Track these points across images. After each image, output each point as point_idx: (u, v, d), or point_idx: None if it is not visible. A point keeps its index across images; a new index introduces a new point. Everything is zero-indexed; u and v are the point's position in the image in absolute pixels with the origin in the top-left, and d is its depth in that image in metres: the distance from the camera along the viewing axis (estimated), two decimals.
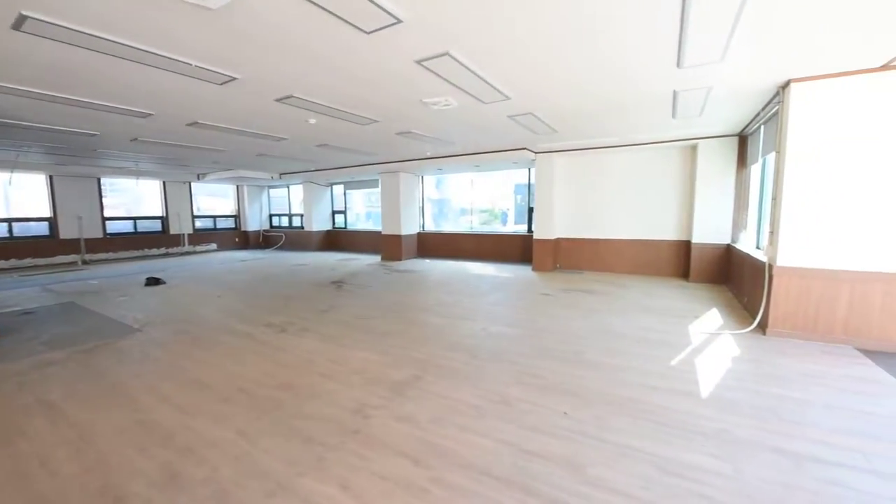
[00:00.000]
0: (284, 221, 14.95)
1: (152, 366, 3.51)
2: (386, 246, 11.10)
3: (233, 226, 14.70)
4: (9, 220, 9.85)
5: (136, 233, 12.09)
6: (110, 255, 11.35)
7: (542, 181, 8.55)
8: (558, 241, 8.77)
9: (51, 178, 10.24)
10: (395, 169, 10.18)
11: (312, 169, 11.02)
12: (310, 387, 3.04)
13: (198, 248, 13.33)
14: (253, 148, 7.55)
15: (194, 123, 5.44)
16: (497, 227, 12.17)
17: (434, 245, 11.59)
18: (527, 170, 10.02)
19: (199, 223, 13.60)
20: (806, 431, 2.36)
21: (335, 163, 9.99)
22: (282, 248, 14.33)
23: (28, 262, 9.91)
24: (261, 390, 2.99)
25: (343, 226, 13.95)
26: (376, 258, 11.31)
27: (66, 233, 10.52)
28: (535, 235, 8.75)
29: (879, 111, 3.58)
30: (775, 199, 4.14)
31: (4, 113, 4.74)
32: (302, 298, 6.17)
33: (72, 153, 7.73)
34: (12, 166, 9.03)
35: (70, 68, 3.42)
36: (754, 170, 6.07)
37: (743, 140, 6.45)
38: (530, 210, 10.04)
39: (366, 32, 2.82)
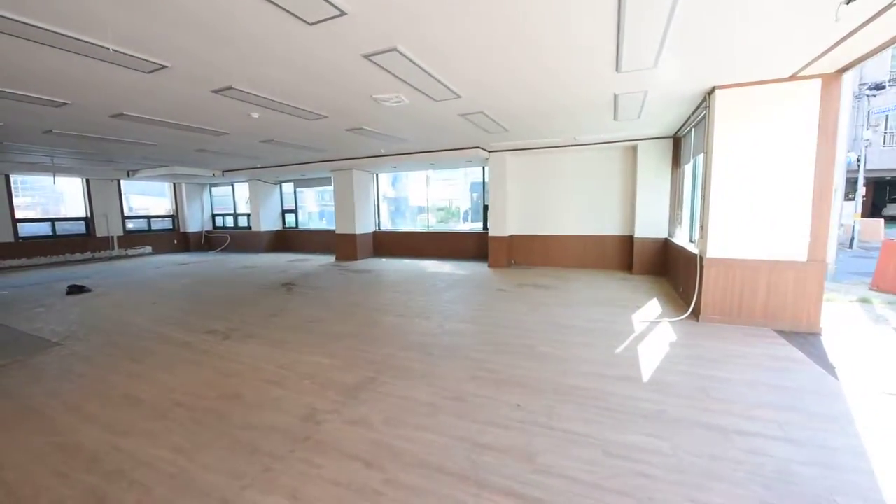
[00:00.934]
0: (229, 221, 14.09)
1: (75, 383, 3.17)
2: (340, 246, 10.81)
3: (170, 227, 13.61)
4: None
5: (55, 236, 10.84)
6: (23, 261, 10.10)
7: (495, 180, 8.71)
8: (512, 237, 8.98)
9: None
10: (347, 166, 9.93)
11: (259, 166, 10.46)
12: (256, 395, 2.89)
13: (129, 251, 12.21)
14: (189, 143, 7.02)
15: (119, 115, 4.95)
16: (454, 226, 12.26)
17: (390, 244, 11.45)
18: (481, 168, 10.17)
19: (130, 224, 12.45)
20: (731, 407, 2.59)
21: (283, 160, 9.55)
22: (227, 249, 13.51)
23: None
24: (200, 402, 2.80)
25: (294, 225, 13.40)
26: (330, 258, 10.98)
27: None
28: (490, 233, 8.91)
29: (788, 116, 4.01)
30: (704, 196, 4.50)
31: None
32: (248, 303, 5.85)
33: None
34: None
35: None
36: (687, 169, 6.57)
37: (677, 141, 6.96)
38: (485, 208, 10.20)
39: (308, 23, 2.71)
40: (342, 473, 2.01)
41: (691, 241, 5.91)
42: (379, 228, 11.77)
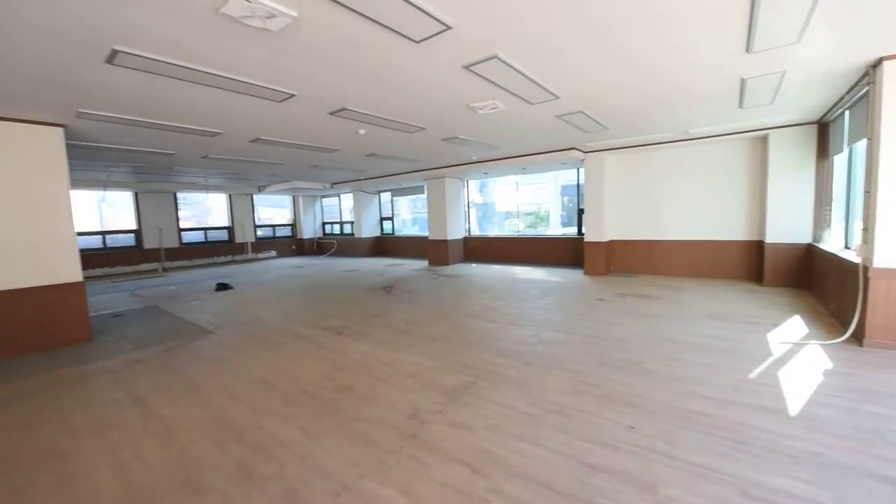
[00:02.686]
0: (336, 229, 15.62)
1: (223, 366, 3.79)
2: (433, 251, 11.22)
3: (290, 234, 15.59)
4: (102, 233, 11.14)
5: (206, 242, 13.20)
6: (185, 262, 12.47)
7: (591, 181, 8.24)
8: (611, 243, 8.39)
9: (136, 194, 11.47)
10: (440, 175, 10.29)
11: (362, 178, 11.43)
12: (367, 390, 3.12)
13: (259, 255, 14.28)
14: (307, 160, 7.97)
15: (256, 139, 5.84)
16: (543, 231, 11.90)
17: (480, 249, 11.54)
18: (575, 170, 9.72)
19: (260, 232, 14.59)
20: None
21: (383, 171, 10.28)
22: (334, 254, 14.97)
23: (118, 269, 11.14)
24: (321, 392, 3.12)
25: (391, 232, 14.31)
26: (423, 263, 11.46)
27: (148, 243, 11.72)
28: (587, 238, 8.43)
29: None
30: (868, 191, 3.67)
31: (98, 138, 5.38)
32: (355, 303, 6.38)
33: (152, 171, 8.60)
34: (104, 185, 10.23)
35: (152, 95, 3.81)
36: (838, 160, 5.44)
37: (823, 128, 5.81)
38: (580, 212, 9.71)
39: (415, 42, 2.88)
40: (449, 476, 2.06)
41: (847, 247, 4.86)
42: (469, 234, 11.96)
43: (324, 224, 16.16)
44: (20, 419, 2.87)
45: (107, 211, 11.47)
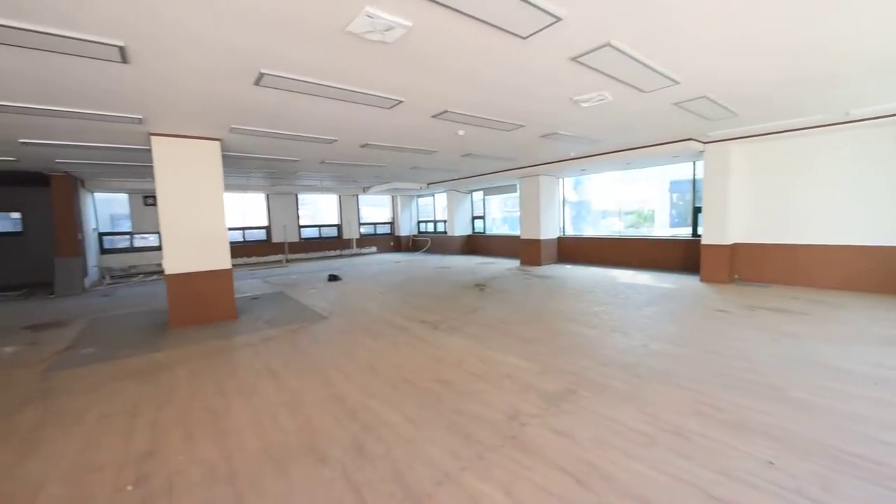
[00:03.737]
0: (430, 227, 16.27)
1: (336, 348, 4.21)
2: (525, 250, 11.01)
3: (389, 231, 16.71)
4: (242, 229, 13.25)
5: (320, 238, 14.85)
6: (303, 255, 14.19)
7: (713, 176, 7.24)
8: (735, 246, 7.28)
9: (267, 196, 13.39)
10: (535, 172, 10.03)
11: (455, 178, 11.71)
12: (463, 385, 3.19)
13: (363, 250, 15.58)
14: (408, 162, 8.42)
15: (366, 145, 6.36)
16: (647, 231, 10.83)
17: (575, 250, 10.98)
18: (690, 164, 8.64)
19: (363, 229, 15.92)
20: None
21: (476, 170, 10.39)
22: (428, 251, 15.62)
23: (253, 259, 13.14)
24: (421, 382, 3.28)
25: (482, 230, 14.41)
26: (514, 262, 11.31)
27: (276, 238, 13.62)
28: (704, 240, 7.45)
29: None
30: None
31: (243, 148, 6.38)
32: (448, 299, 6.57)
33: (280, 176, 9.94)
34: (244, 188, 12.13)
35: (286, 110, 4.39)
36: None
37: None
38: (695, 210, 8.63)
39: (522, 37, 2.83)
40: (553, 483, 2.00)
41: None
42: (563, 234, 11.45)
43: (419, 222, 16.96)
44: (187, 379, 3.55)
45: (246, 210, 13.59)
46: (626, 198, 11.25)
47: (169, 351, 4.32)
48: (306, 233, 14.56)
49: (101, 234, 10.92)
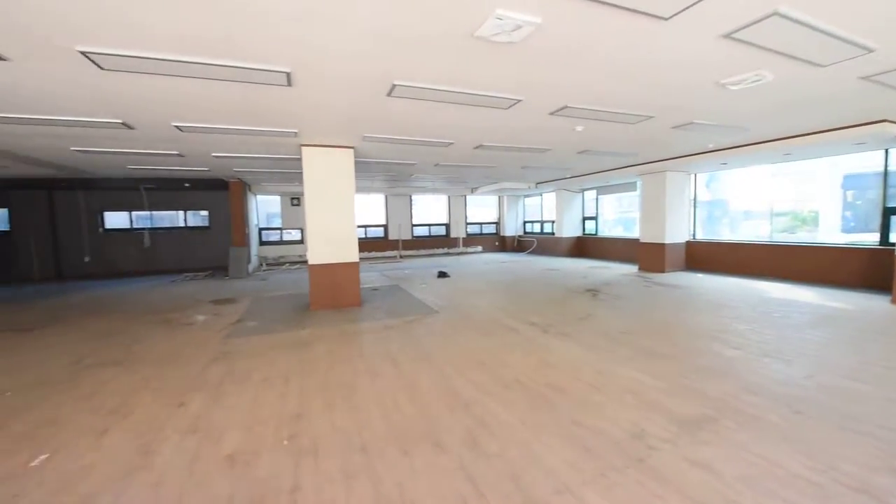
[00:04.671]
0: (536, 227, 15.87)
1: (448, 342, 4.39)
2: (645, 255, 9.98)
3: (494, 231, 16.81)
4: (365, 227, 14.73)
5: (429, 236, 15.68)
6: (413, 252, 15.16)
7: None
8: None
9: (386, 197, 14.65)
10: (660, 168, 9.01)
11: (567, 176, 11.19)
12: (580, 394, 3.03)
13: (468, 249, 15.97)
14: (519, 161, 8.34)
15: (480, 146, 6.49)
16: (809, 236, 8.80)
17: (707, 257, 9.56)
18: (878, 153, 6.79)
19: (470, 229, 16.30)
20: None
21: (591, 168, 9.77)
22: (533, 252, 15.26)
23: (372, 254, 14.50)
24: (533, 385, 3.21)
25: (594, 232, 13.51)
26: (631, 268, 10.34)
27: (392, 235, 14.82)
28: None
29: None
30: None
31: (370, 154, 7.07)
32: (558, 303, 6.32)
33: (398, 178, 10.76)
34: (368, 190, 13.43)
35: (410, 117, 4.73)
36: None
37: None
38: (886, 212, 6.77)
39: (664, 18, 2.56)
40: None
41: None
42: (693, 238, 10.06)
43: (525, 222, 16.67)
44: (325, 355, 4.08)
45: (368, 210, 15.06)
46: (778, 196, 9.34)
47: (311, 329, 5.03)
48: (418, 231, 15.52)
49: (260, 229, 13.27)
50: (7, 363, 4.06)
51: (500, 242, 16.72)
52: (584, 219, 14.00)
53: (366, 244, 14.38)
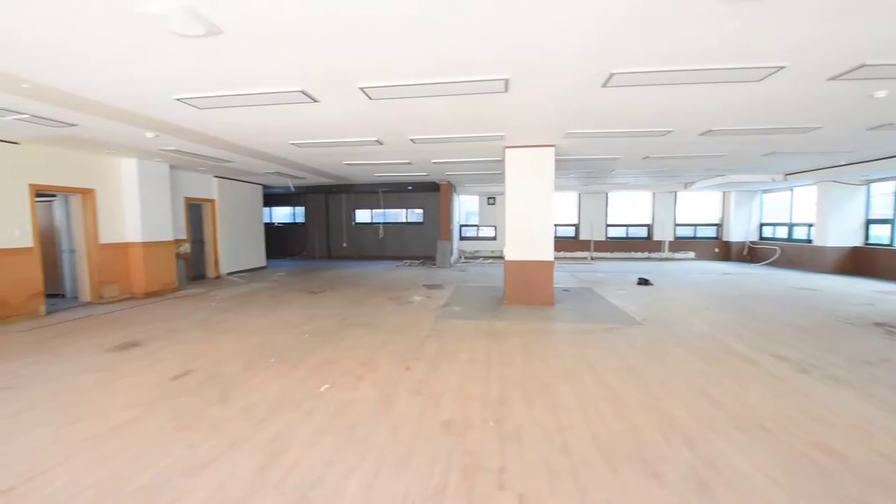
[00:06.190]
0: (780, 232, 12.24)
1: (655, 359, 3.86)
2: None
3: (714, 235, 13.85)
4: (556, 225, 14.49)
5: (626, 238, 14.21)
6: (607, 254, 14.03)
7: None
8: None
9: (579, 195, 14.05)
10: None
11: (843, 163, 8.16)
12: (867, 465, 2.18)
13: (676, 255, 13.69)
14: (762, 147, 6.57)
15: (707, 132, 5.42)
16: None
17: None
18: None
19: (679, 231, 13.93)
20: None
21: (890, 150, 6.81)
22: (774, 264, 11.84)
23: (562, 254, 14.17)
24: (789, 438, 2.48)
25: (888, 242, 9.44)
26: None
27: (583, 235, 14.15)
28: None
29: None
30: None
31: (570, 152, 6.85)
32: (821, 335, 4.70)
33: (595, 175, 10.11)
34: (563, 188, 13.16)
35: (624, 107, 4.33)
36: None
37: None
38: None
39: None
40: None
41: None
42: None
43: (761, 225, 13.07)
44: (520, 349, 4.21)
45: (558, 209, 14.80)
46: None
47: (507, 322, 5.31)
48: (612, 232, 14.26)
49: (461, 226, 14.84)
50: (307, 314, 5.83)
51: (721, 249, 13.64)
52: (869, 221, 9.95)
53: (556, 243, 14.12)
